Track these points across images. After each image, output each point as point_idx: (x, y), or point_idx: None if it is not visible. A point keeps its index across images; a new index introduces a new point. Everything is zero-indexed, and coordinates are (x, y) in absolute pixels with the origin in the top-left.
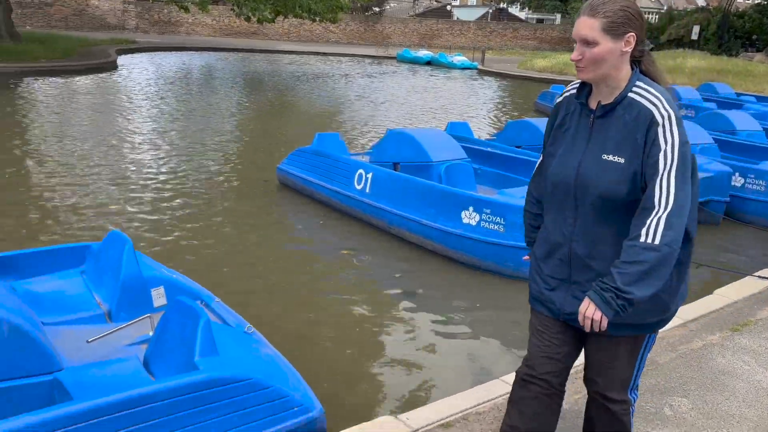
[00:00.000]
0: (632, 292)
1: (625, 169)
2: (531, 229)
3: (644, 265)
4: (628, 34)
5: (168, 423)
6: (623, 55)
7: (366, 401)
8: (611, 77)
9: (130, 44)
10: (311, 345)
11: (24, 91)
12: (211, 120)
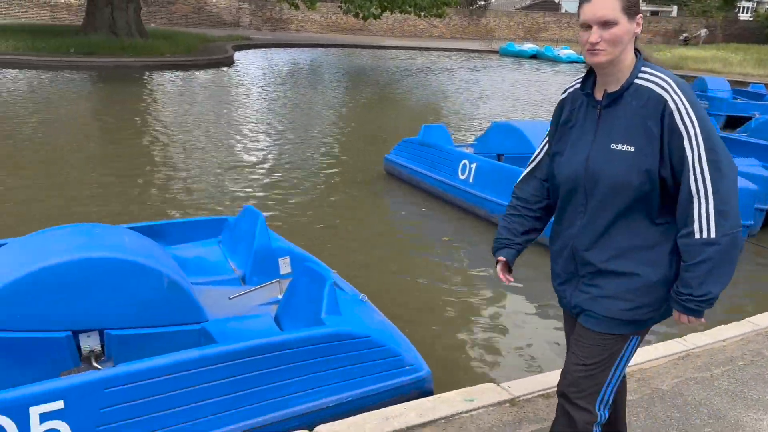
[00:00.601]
0: (710, 292)
1: (635, 158)
2: (507, 231)
3: (710, 262)
4: (638, 15)
5: (298, 368)
6: (632, 38)
7: (468, 369)
8: (620, 63)
9: (245, 41)
10: (414, 316)
11: (151, 84)
12: (318, 112)
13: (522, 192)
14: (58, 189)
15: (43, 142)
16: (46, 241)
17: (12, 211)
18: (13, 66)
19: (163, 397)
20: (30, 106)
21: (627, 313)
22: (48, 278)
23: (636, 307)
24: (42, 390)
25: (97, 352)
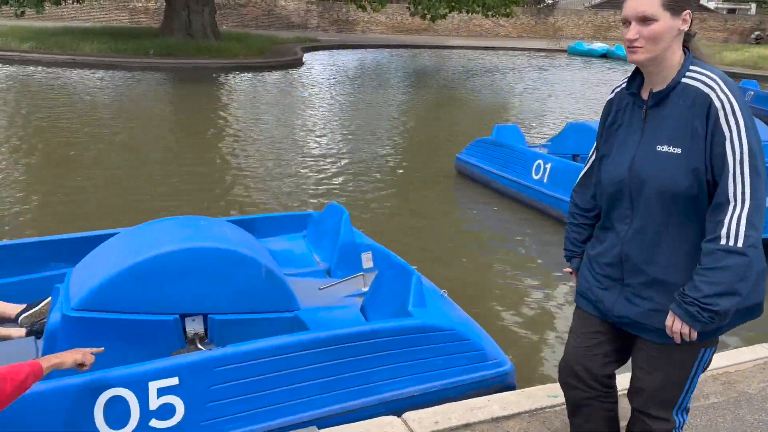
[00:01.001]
0: (717, 304)
1: (682, 160)
2: (571, 242)
3: (728, 271)
4: (685, 11)
5: (387, 357)
6: (679, 35)
7: (550, 368)
8: (665, 61)
9: (313, 42)
10: (492, 313)
11: (226, 84)
12: (385, 112)
13: (578, 197)
14: (144, 185)
15: (125, 140)
16: (157, 231)
17: (106, 203)
18: (96, 67)
19: (264, 378)
20: (113, 106)
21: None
22: (160, 265)
23: None
24: (160, 367)
25: (200, 334)
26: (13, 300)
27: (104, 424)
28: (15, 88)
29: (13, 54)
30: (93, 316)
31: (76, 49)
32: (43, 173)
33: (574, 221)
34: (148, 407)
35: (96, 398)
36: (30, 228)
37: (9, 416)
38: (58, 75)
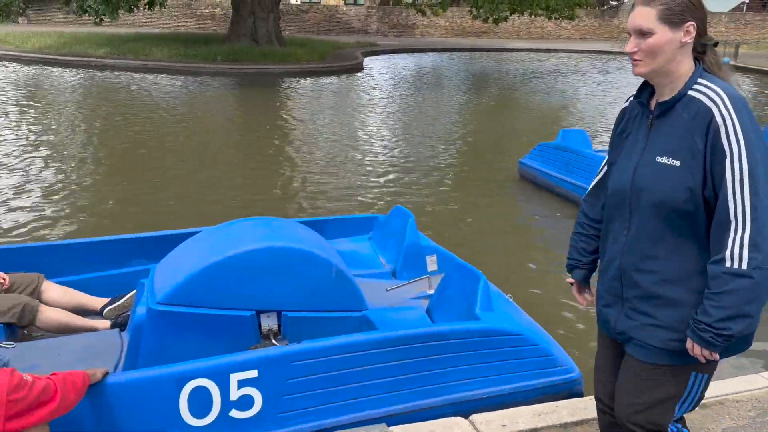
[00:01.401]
0: (729, 328)
1: (680, 173)
2: (577, 251)
3: (735, 294)
4: (687, 23)
5: (455, 358)
6: (683, 47)
7: None
8: (671, 73)
9: (372, 47)
10: (557, 319)
11: (290, 88)
12: (444, 115)
13: (588, 207)
14: (213, 186)
15: (194, 143)
16: (235, 231)
17: (177, 204)
18: (167, 72)
19: (336, 374)
20: (183, 110)
21: (680, 344)
22: (238, 264)
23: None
24: (241, 359)
25: (274, 330)
26: (98, 294)
27: (188, 412)
28: (91, 91)
29: (89, 59)
30: (176, 310)
31: (148, 54)
32: (118, 174)
33: (582, 231)
34: (229, 398)
35: (181, 388)
36: (106, 227)
37: (100, 402)
38: (131, 79)
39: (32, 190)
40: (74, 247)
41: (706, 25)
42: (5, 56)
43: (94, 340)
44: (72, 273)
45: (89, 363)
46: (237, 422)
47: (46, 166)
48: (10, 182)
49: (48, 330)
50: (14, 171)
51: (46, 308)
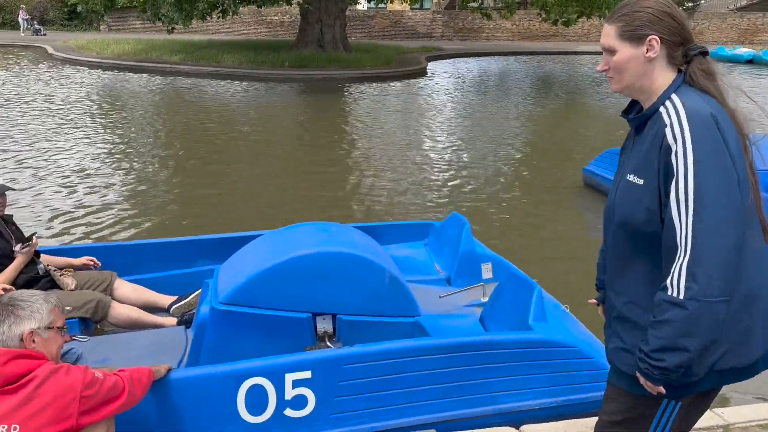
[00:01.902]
0: (663, 360)
1: (642, 192)
2: (600, 269)
3: (671, 325)
4: (649, 37)
5: (507, 368)
6: (651, 62)
7: None
8: (645, 88)
9: (437, 51)
10: None
11: (354, 94)
12: (508, 120)
13: None
14: (277, 190)
15: (260, 147)
16: (294, 235)
17: (243, 207)
18: (237, 78)
19: (388, 378)
20: (250, 114)
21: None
22: (296, 267)
23: None
24: (296, 360)
25: (329, 333)
26: (166, 292)
27: (245, 409)
28: (166, 96)
29: (165, 65)
30: (237, 310)
31: (220, 60)
32: (189, 177)
33: (603, 247)
34: (284, 397)
35: (239, 385)
36: (176, 228)
37: (163, 397)
38: (203, 85)
39: (108, 192)
40: (145, 248)
41: (685, 33)
42: (88, 62)
43: (161, 336)
44: (143, 272)
45: (156, 358)
46: (291, 421)
47: (122, 169)
48: (89, 183)
49: (119, 325)
50: (92, 173)
51: (117, 305)
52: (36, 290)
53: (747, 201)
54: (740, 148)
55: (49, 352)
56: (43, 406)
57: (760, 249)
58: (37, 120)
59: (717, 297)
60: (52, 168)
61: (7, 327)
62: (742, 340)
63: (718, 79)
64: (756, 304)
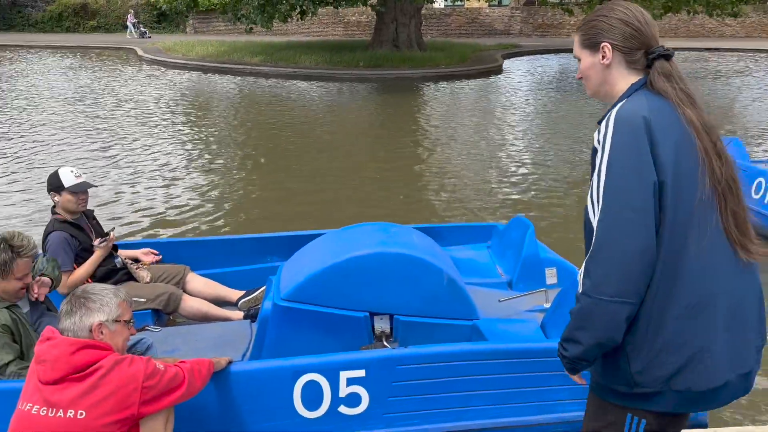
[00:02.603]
0: (565, 349)
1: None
2: None
3: (571, 317)
4: (601, 44)
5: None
6: (608, 68)
7: (737, 408)
8: (609, 94)
9: (513, 48)
10: None
11: (427, 93)
12: (586, 120)
13: None
14: (344, 189)
15: (332, 147)
16: (355, 235)
17: (312, 205)
18: (314, 78)
19: (442, 381)
20: (324, 114)
21: (599, 377)
22: (355, 267)
23: (601, 372)
24: (351, 359)
25: (386, 333)
26: (234, 286)
27: (301, 404)
28: (246, 97)
29: (245, 67)
30: (298, 307)
31: (298, 61)
32: (263, 176)
33: None
34: (338, 394)
35: (296, 380)
36: (247, 224)
37: (223, 388)
38: (281, 86)
39: (186, 189)
40: (217, 243)
41: (642, 38)
42: (173, 64)
43: (227, 330)
44: (213, 266)
45: (222, 350)
46: (345, 418)
47: (200, 167)
48: (168, 180)
49: (189, 317)
50: (171, 171)
51: (188, 298)
52: (107, 284)
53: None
54: (678, 153)
55: (115, 344)
56: (106, 395)
57: (711, 258)
58: (124, 119)
59: (612, 296)
60: (134, 165)
61: (78, 318)
62: (697, 358)
63: (675, 83)
64: (706, 318)
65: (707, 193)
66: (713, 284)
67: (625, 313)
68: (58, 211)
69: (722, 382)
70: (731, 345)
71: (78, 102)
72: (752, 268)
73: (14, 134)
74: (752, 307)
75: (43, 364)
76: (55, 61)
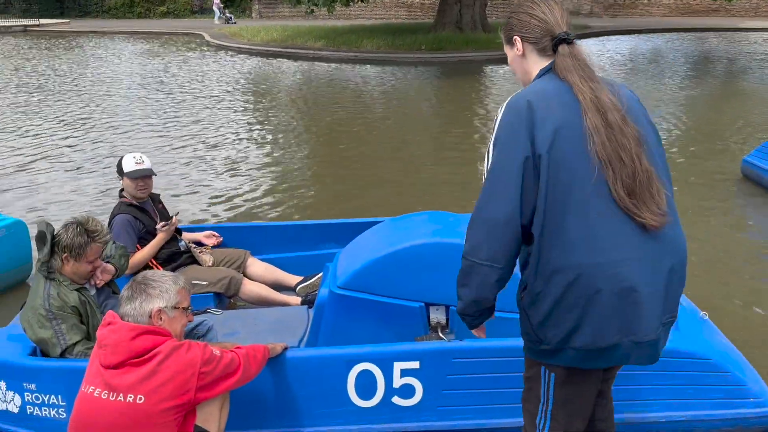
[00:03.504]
0: (457, 304)
1: None
2: None
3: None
4: (513, 38)
5: (629, 377)
6: (523, 58)
7: None
8: (528, 82)
9: (583, 29)
10: (763, 344)
11: (489, 77)
12: (658, 104)
13: None
14: (403, 176)
15: (392, 132)
16: (412, 223)
17: (371, 192)
18: (376, 62)
19: (498, 376)
20: (384, 99)
21: (521, 335)
22: (412, 256)
23: (520, 330)
24: (405, 350)
25: (442, 324)
26: (293, 272)
27: (354, 392)
28: (308, 82)
29: (308, 51)
30: (353, 295)
31: (359, 45)
32: (322, 161)
33: None
34: (392, 385)
35: (350, 369)
36: (305, 210)
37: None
38: (343, 70)
39: (248, 174)
40: (277, 229)
41: (547, 26)
42: (239, 48)
43: (285, 314)
44: (273, 251)
45: (279, 334)
46: (398, 409)
47: (262, 153)
48: (232, 165)
49: (249, 301)
50: (235, 156)
51: (248, 282)
52: (167, 271)
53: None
54: (558, 130)
55: (174, 330)
56: (165, 380)
57: (599, 226)
58: (190, 103)
59: (483, 260)
60: (199, 149)
61: (138, 304)
62: (585, 321)
63: (575, 65)
64: (590, 284)
65: (593, 166)
66: (600, 253)
67: (495, 277)
68: (124, 195)
69: (612, 343)
70: (620, 312)
71: (147, 86)
72: (663, 238)
73: (93, 118)
74: (657, 277)
75: (104, 349)
76: (128, 46)
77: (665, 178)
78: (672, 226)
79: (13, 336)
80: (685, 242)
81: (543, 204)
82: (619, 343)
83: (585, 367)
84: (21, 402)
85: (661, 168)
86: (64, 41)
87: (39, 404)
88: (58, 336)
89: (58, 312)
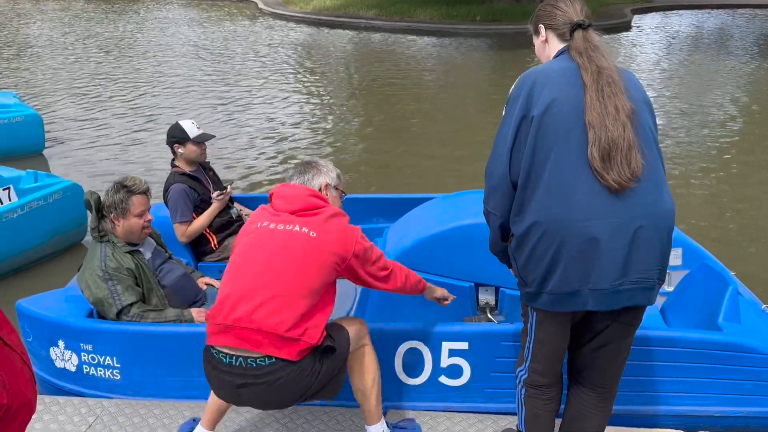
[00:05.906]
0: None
1: None
2: None
3: None
4: (539, 26)
5: (686, 368)
6: (546, 44)
7: None
8: None
9: (646, 3)
10: None
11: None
12: (721, 85)
13: None
14: (454, 151)
15: (444, 106)
16: (463, 202)
17: (421, 167)
18: (427, 33)
19: None
20: (437, 72)
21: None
22: (462, 235)
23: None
24: (454, 330)
25: (491, 305)
26: None
27: (401, 369)
28: (359, 52)
29: (360, 21)
30: None
31: (413, 15)
32: (373, 133)
33: None
34: (440, 364)
35: (398, 345)
36: (357, 183)
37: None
38: (395, 40)
39: (299, 145)
40: None
41: (567, 16)
42: (291, 17)
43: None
44: None
45: None
46: (445, 388)
47: (314, 124)
48: (283, 135)
49: None
50: (286, 127)
51: None
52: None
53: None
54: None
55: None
56: (332, 230)
57: (562, 185)
58: (241, 72)
59: (491, 209)
60: (250, 118)
61: (310, 176)
62: (553, 267)
63: (587, 47)
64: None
65: (579, 132)
66: (571, 208)
67: (497, 222)
68: (177, 164)
69: (574, 289)
70: (581, 261)
71: (198, 54)
72: (636, 201)
73: (144, 86)
74: (621, 235)
75: (280, 198)
76: (180, 12)
77: (650, 153)
78: (649, 192)
79: (71, 297)
80: (668, 209)
81: (528, 163)
82: (579, 289)
83: (554, 309)
84: (78, 361)
85: (651, 144)
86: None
87: (95, 365)
88: (114, 296)
89: (114, 273)
